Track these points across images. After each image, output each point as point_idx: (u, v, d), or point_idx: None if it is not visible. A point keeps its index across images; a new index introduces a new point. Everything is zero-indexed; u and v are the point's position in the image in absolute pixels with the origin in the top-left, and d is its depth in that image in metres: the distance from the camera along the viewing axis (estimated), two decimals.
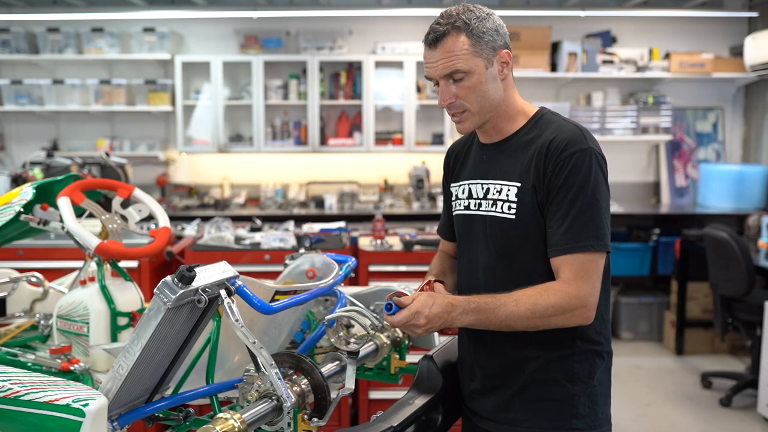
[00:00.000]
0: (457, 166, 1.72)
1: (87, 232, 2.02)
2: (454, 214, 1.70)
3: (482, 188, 1.60)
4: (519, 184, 1.52)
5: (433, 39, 1.49)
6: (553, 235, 1.46)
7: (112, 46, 5.58)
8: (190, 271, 1.26)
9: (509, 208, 1.53)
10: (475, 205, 1.61)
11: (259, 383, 1.40)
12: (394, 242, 3.52)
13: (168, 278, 1.26)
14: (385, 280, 3.25)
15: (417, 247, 3.41)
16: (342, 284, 1.93)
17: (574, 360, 1.52)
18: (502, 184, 1.55)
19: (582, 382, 1.52)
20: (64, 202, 2.03)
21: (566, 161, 1.46)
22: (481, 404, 1.63)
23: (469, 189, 1.63)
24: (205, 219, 4.05)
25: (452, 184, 1.71)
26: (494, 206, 1.56)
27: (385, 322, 1.88)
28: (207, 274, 1.34)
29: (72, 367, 1.83)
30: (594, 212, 1.44)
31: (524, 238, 1.52)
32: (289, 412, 1.38)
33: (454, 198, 1.70)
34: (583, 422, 1.51)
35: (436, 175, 5.71)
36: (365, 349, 1.78)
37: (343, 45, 5.68)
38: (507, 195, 1.53)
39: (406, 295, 1.48)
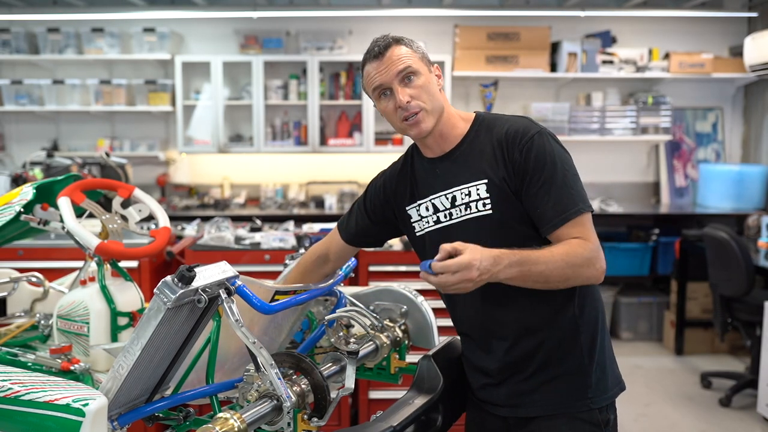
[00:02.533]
0: (402, 190, 1.71)
1: (87, 232, 2.02)
2: (421, 234, 1.68)
3: (447, 198, 1.62)
4: (487, 180, 1.56)
5: (378, 51, 1.58)
6: (544, 214, 1.51)
7: (112, 46, 5.58)
8: (190, 271, 1.27)
9: (484, 205, 1.56)
10: (445, 216, 1.62)
11: (259, 383, 1.40)
12: (394, 242, 3.52)
13: (168, 278, 1.27)
14: (385, 280, 3.25)
15: None
16: (342, 284, 1.93)
17: (580, 332, 1.57)
18: (468, 187, 1.58)
19: (590, 351, 1.58)
20: (64, 202, 2.03)
21: (529, 146, 1.52)
22: (495, 394, 1.65)
23: (433, 204, 1.64)
24: (205, 219, 4.05)
25: (408, 207, 1.70)
26: (467, 209, 1.58)
27: (385, 322, 1.89)
28: (207, 274, 1.34)
29: (72, 367, 1.83)
30: (569, 181, 1.52)
31: (505, 229, 1.55)
32: (289, 412, 1.38)
33: (416, 219, 1.69)
34: (596, 390, 1.58)
35: None
36: (365, 349, 1.78)
37: (343, 45, 5.68)
38: (478, 194, 1.57)
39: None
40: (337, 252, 1.83)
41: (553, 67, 5.65)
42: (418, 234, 1.69)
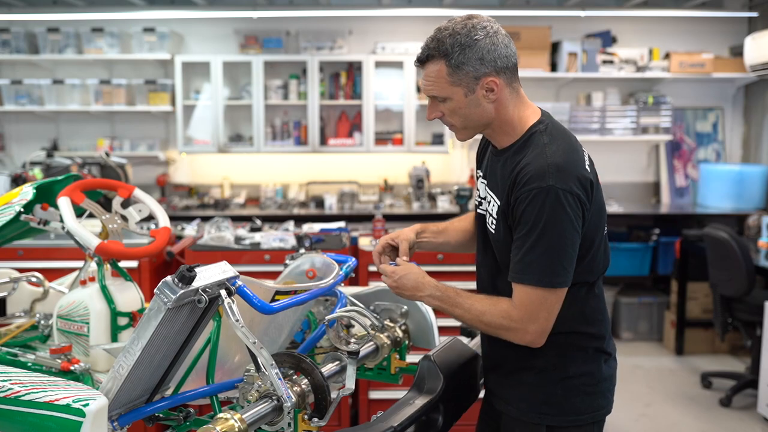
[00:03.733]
0: (481, 153, 1.77)
1: (87, 232, 2.02)
2: (477, 202, 1.77)
3: (484, 191, 1.68)
4: (499, 203, 1.59)
5: (419, 58, 1.58)
6: (512, 260, 1.54)
7: (112, 46, 5.57)
8: (190, 271, 1.27)
9: (492, 222, 1.62)
10: (479, 203, 1.72)
11: (260, 383, 1.40)
12: None
13: (168, 278, 1.26)
14: None
15: (417, 248, 3.41)
16: (342, 284, 1.93)
17: (549, 353, 1.58)
18: (492, 197, 1.63)
19: (555, 372, 1.60)
20: (64, 202, 2.03)
21: (525, 196, 1.48)
22: (489, 378, 1.76)
23: (480, 183, 1.73)
24: (205, 219, 4.05)
25: (478, 170, 1.77)
26: (487, 213, 1.66)
27: (385, 322, 1.90)
28: (207, 274, 1.34)
29: (72, 367, 1.83)
30: (542, 249, 1.47)
31: (501, 248, 1.62)
32: (289, 412, 1.38)
33: (478, 185, 1.77)
34: (554, 409, 1.60)
35: (436, 175, 5.71)
36: (365, 349, 1.79)
37: (343, 45, 5.68)
38: (493, 210, 1.62)
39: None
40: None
41: (554, 67, 5.65)
42: (476, 200, 1.76)
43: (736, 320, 4.13)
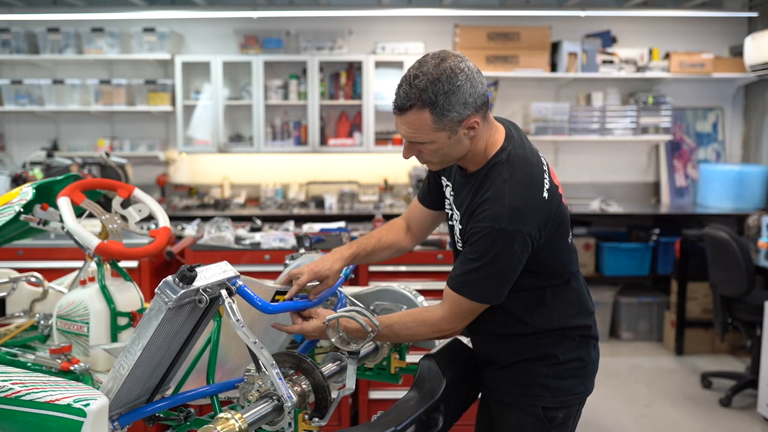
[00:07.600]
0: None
1: (87, 232, 2.02)
2: (446, 210, 1.82)
3: (454, 205, 1.74)
4: (461, 227, 1.69)
5: (399, 107, 1.55)
6: (454, 269, 1.65)
7: (112, 46, 5.57)
8: (191, 271, 1.27)
9: (459, 240, 1.72)
10: (450, 215, 1.78)
11: (260, 383, 1.40)
12: None
13: (169, 278, 1.26)
14: (385, 280, 3.24)
15: (417, 247, 3.41)
16: (342, 285, 1.93)
17: (538, 342, 1.71)
18: (457, 216, 1.72)
19: (546, 359, 1.70)
20: (64, 202, 2.03)
21: (478, 231, 1.57)
22: (483, 374, 1.82)
23: (450, 194, 1.77)
24: (205, 219, 4.05)
25: (443, 177, 1.82)
26: (455, 228, 1.74)
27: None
28: (208, 274, 1.34)
29: (72, 367, 1.83)
30: (484, 275, 1.58)
31: None
32: (289, 412, 1.38)
33: (447, 194, 1.81)
34: (545, 391, 1.70)
35: None
36: (365, 349, 1.79)
37: (343, 45, 5.68)
38: (459, 228, 1.72)
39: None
40: (417, 217, 1.94)
41: (554, 67, 5.65)
42: (446, 209, 1.81)
43: (736, 320, 4.13)
